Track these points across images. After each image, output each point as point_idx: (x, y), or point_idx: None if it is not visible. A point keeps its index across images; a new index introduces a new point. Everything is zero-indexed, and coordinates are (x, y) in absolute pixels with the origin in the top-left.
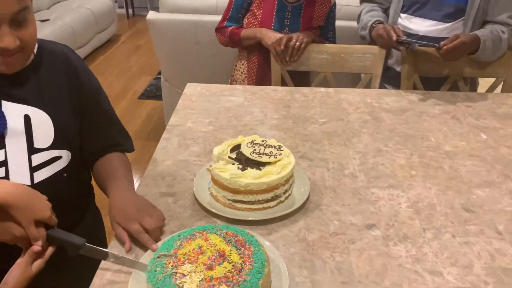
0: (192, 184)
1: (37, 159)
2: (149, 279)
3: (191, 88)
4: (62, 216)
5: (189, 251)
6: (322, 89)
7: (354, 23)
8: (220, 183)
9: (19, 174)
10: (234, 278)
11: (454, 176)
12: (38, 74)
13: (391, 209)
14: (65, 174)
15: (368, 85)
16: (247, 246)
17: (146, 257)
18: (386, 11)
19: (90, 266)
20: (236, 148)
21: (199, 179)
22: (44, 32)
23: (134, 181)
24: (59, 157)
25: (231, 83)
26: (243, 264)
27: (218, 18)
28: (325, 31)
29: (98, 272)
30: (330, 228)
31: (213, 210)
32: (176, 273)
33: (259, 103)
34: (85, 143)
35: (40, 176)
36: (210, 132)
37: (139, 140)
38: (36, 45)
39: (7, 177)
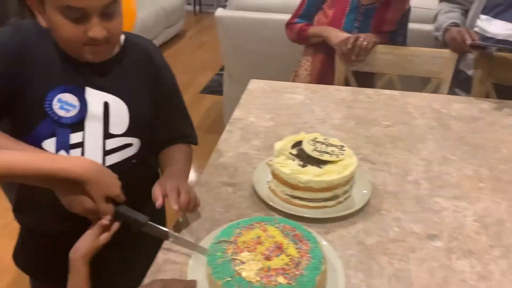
0: (252, 176)
1: (110, 144)
2: (209, 263)
3: (254, 84)
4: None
5: (248, 240)
6: (387, 91)
7: (427, 26)
8: (280, 177)
9: (93, 156)
10: (291, 271)
11: None
12: (121, 65)
13: (456, 221)
14: (134, 161)
15: (436, 90)
16: (305, 242)
17: (206, 242)
18: (466, 12)
19: (154, 246)
20: (297, 144)
21: (259, 172)
22: None
23: (191, 170)
24: (130, 144)
25: (293, 79)
26: (300, 259)
27: (285, 16)
28: (396, 36)
29: (161, 250)
30: (390, 234)
31: (271, 203)
32: (235, 259)
33: (321, 102)
34: (156, 132)
35: (111, 160)
36: (270, 128)
37: (198, 132)
38: (124, 38)
39: None
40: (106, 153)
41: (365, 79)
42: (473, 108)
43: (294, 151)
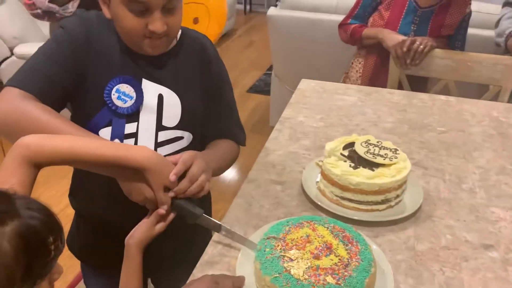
0: (300, 176)
1: (162, 136)
2: (258, 258)
3: (305, 84)
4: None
5: (297, 238)
6: (442, 97)
7: (488, 32)
8: (330, 178)
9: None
10: (340, 271)
11: None
12: (176, 59)
13: None
14: None
15: (494, 98)
16: (354, 243)
17: (254, 237)
18: None
19: (204, 239)
20: (349, 146)
21: (308, 172)
22: None
23: (231, 168)
24: (181, 137)
25: (343, 80)
26: (349, 260)
27: (337, 17)
28: (453, 41)
29: (211, 243)
30: (442, 241)
31: (319, 203)
32: (284, 256)
33: (373, 105)
34: (204, 128)
35: (162, 151)
36: (320, 128)
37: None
38: (180, 32)
39: None
40: (158, 145)
41: (418, 84)
42: None
43: (346, 152)
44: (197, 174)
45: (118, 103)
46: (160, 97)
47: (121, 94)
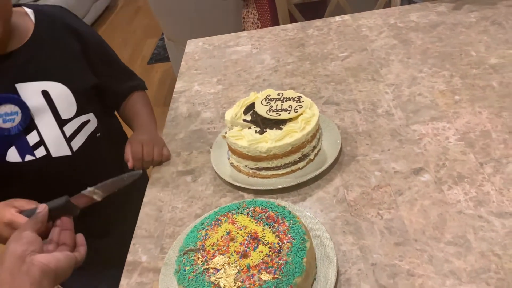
0: (210, 157)
1: (69, 129)
2: (180, 281)
3: (192, 45)
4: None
5: (217, 240)
6: (337, 17)
7: None
8: (238, 152)
9: (58, 148)
10: (274, 262)
11: (507, 93)
12: (42, 45)
13: (439, 146)
14: (98, 134)
15: (389, 4)
16: (281, 221)
17: (172, 253)
18: None
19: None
20: (250, 108)
21: (216, 149)
22: None
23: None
24: (87, 121)
25: None
26: (280, 244)
27: None
28: None
29: (124, 274)
30: (372, 181)
31: (236, 184)
32: (208, 269)
33: (269, 48)
34: (104, 99)
35: (76, 143)
36: (220, 93)
37: (157, 107)
38: (34, 15)
39: (48, 154)
40: (69, 139)
41: (313, 11)
42: (430, 14)
43: (248, 117)
44: (150, 154)
45: (7, 125)
46: (46, 93)
47: (4, 116)
